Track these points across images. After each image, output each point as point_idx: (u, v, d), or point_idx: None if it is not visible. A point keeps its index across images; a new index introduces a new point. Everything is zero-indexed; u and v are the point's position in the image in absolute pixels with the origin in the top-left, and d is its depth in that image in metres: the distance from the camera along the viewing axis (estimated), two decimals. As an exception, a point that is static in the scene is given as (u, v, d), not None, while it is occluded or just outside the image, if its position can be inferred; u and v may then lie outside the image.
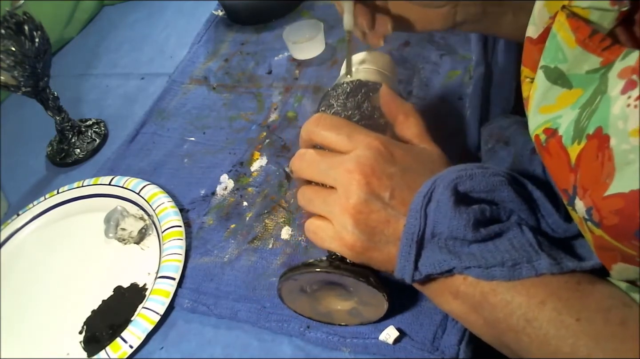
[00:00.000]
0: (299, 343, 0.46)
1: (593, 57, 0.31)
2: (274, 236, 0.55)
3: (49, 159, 0.77)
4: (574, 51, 0.32)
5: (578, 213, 0.31)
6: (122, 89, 0.85)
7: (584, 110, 0.31)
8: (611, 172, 0.28)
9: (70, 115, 0.76)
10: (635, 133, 0.26)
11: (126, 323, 0.52)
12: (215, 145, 0.68)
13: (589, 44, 0.31)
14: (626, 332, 0.30)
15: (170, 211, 0.59)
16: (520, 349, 0.33)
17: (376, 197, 0.37)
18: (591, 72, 0.31)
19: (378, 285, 0.39)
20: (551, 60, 0.34)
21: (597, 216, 0.29)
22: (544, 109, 0.35)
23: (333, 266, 0.39)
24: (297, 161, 0.42)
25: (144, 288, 0.55)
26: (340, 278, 0.40)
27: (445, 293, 0.37)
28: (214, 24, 0.89)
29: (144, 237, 0.60)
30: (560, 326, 0.31)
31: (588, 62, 0.31)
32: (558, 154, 0.33)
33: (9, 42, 0.64)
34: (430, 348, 0.42)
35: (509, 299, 0.33)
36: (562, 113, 0.33)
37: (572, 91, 0.33)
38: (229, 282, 0.52)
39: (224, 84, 0.77)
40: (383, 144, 0.39)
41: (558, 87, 0.33)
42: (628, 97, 0.27)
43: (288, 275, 0.41)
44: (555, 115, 0.33)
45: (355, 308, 0.43)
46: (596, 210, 0.29)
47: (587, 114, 0.30)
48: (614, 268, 0.31)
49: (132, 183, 0.64)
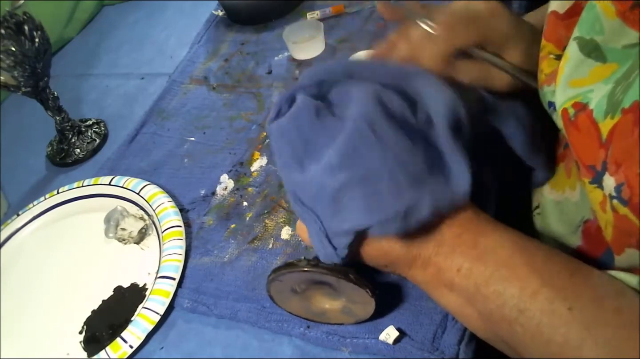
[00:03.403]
0: (299, 343, 0.46)
1: (632, 31, 0.30)
2: (274, 236, 0.55)
3: (49, 159, 0.77)
4: (612, 23, 0.31)
5: (605, 189, 0.31)
6: (122, 89, 0.85)
7: (619, 85, 0.30)
8: None
9: (70, 115, 0.76)
10: None
11: (126, 323, 0.52)
12: (215, 145, 0.68)
13: (630, 17, 0.30)
14: (620, 320, 0.30)
15: (170, 211, 0.59)
16: (514, 341, 0.33)
17: None
18: (628, 46, 0.30)
19: (359, 281, 0.39)
20: (587, 32, 0.32)
21: (627, 193, 0.28)
22: (574, 82, 0.33)
23: (311, 264, 0.40)
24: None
25: (144, 288, 0.55)
26: (322, 276, 0.40)
27: (440, 286, 0.37)
28: (214, 24, 0.89)
29: (144, 237, 0.60)
30: (552, 315, 0.31)
31: (626, 36, 0.30)
32: (588, 129, 0.32)
33: (9, 42, 0.64)
34: (430, 347, 0.42)
35: (502, 291, 0.33)
36: (593, 88, 0.32)
37: (606, 65, 0.32)
38: (229, 282, 0.52)
39: (224, 84, 0.77)
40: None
41: (592, 60, 0.32)
42: None
43: (273, 276, 0.42)
44: (587, 89, 0.32)
45: (347, 306, 0.43)
46: (628, 186, 0.28)
47: (623, 88, 0.29)
48: (626, 252, 0.31)
49: (132, 183, 0.64)
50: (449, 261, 0.36)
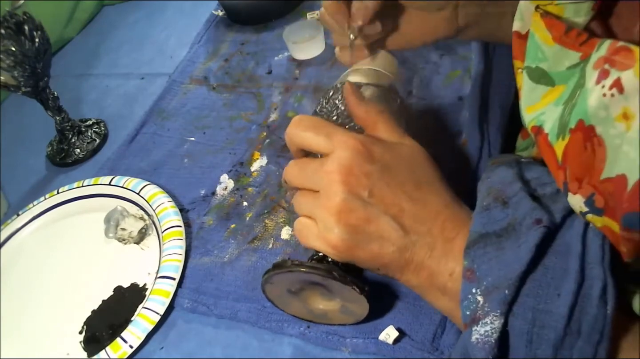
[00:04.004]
0: (299, 343, 0.46)
1: (572, 52, 0.31)
2: (274, 237, 0.55)
3: (49, 159, 0.77)
4: (552, 49, 0.32)
5: (575, 208, 0.31)
6: (122, 89, 0.85)
7: (567, 105, 0.31)
8: (604, 156, 0.28)
9: (70, 115, 0.76)
10: (620, 118, 0.26)
11: (126, 323, 0.52)
12: (215, 145, 0.68)
13: (566, 40, 0.31)
14: None
15: (170, 211, 0.59)
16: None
17: (355, 196, 0.37)
18: (572, 67, 0.31)
19: (343, 279, 0.39)
20: (532, 60, 0.34)
21: (600, 202, 0.29)
22: (530, 109, 0.35)
23: (295, 264, 0.40)
24: (288, 171, 0.43)
25: (144, 288, 0.55)
26: (307, 276, 0.40)
27: (434, 290, 0.37)
28: (214, 24, 0.89)
29: (144, 237, 0.60)
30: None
31: (568, 57, 0.31)
32: (546, 152, 0.33)
33: (9, 42, 0.64)
34: (429, 347, 0.42)
35: None
36: (545, 110, 0.33)
37: (555, 88, 0.33)
38: (229, 282, 0.52)
39: (224, 84, 0.77)
40: (361, 143, 0.39)
41: (542, 85, 0.34)
42: (602, 86, 0.27)
43: (264, 279, 0.42)
44: (540, 113, 0.34)
45: (344, 305, 0.43)
46: (599, 193, 0.29)
47: (569, 109, 0.30)
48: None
49: (132, 183, 0.64)
50: (442, 266, 0.36)
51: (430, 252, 0.37)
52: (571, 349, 0.29)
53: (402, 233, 0.37)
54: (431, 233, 0.37)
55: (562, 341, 0.29)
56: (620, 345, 0.30)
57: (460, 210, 0.39)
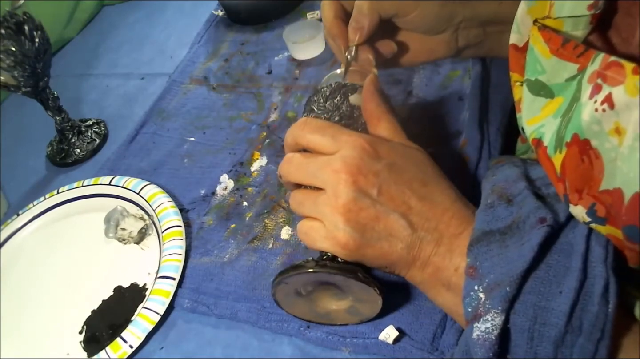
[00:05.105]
0: (299, 343, 0.46)
1: (570, 64, 0.31)
2: (274, 236, 0.55)
3: (49, 159, 0.77)
4: (550, 61, 0.32)
5: (578, 219, 0.31)
6: (122, 89, 0.85)
7: (564, 119, 0.31)
8: (602, 168, 0.28)
9: (70, 115, 0.76)
10: (613, 133, 0.26)
11: (126, 323, 0.52)
12: (215, 145, 0.68)
13: (563, 53, 0.31)
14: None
15: (170, 211, 0.59)
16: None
17: (364, 195, 0.37)
18: (570, 79, 0.32)
19: (367, 280, 0.39)
20: (531, 73, 0.34)
21: (602, 211, 0.29)
22: (531, 121, 0.35)
23: (320, 265, 0.39)
24: (285, 165, 0.42)
25: (144, 288, 0.55)
26: (329, 276, 0.40)
27: (438, 285, 0.37)
28: (214, 24, 0.89)
29: (144, 237, 0.60)
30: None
31: (566, 69, 0.32)
32: (546, 164, 0.33)
33: (9, 42, 0.64)
34: (429, 347, 0.42)
35: None
36: (544, 122, 0.33)
37: (555, 100, 0.33)
38: (229, 282, 0.52)
39: (224, 84, 0.77)
40: (368, 142, 0.39)
41: (542, 97, 0.34)
42: (594, 101, 0.27)
43: (279, 279, 0.41)
44: (539, 125, 0.34)
45: (353, 306, 0.43)
46: (600, 203, 0.29)
47: (565, 122, 0.31)
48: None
49: (132, 183, 0.64)
50: (447, 261, 0.36)
51: (437, 248, 0.37)
52: (572, 346, 0.29)
53: (410, 231, 0.37)
54: (438, 230, 0.37)
55: (563, 338, 0.29)
56: (621, 343, 0.30)
57: (466, 207, 0.39)
